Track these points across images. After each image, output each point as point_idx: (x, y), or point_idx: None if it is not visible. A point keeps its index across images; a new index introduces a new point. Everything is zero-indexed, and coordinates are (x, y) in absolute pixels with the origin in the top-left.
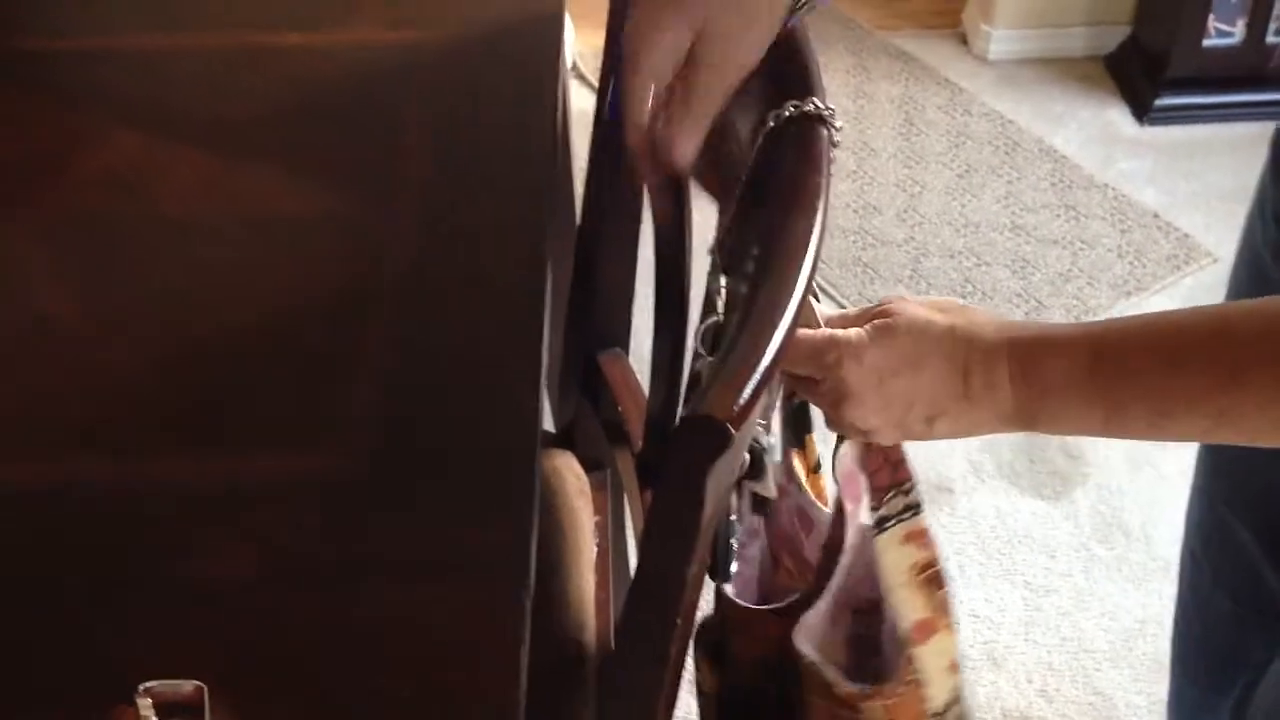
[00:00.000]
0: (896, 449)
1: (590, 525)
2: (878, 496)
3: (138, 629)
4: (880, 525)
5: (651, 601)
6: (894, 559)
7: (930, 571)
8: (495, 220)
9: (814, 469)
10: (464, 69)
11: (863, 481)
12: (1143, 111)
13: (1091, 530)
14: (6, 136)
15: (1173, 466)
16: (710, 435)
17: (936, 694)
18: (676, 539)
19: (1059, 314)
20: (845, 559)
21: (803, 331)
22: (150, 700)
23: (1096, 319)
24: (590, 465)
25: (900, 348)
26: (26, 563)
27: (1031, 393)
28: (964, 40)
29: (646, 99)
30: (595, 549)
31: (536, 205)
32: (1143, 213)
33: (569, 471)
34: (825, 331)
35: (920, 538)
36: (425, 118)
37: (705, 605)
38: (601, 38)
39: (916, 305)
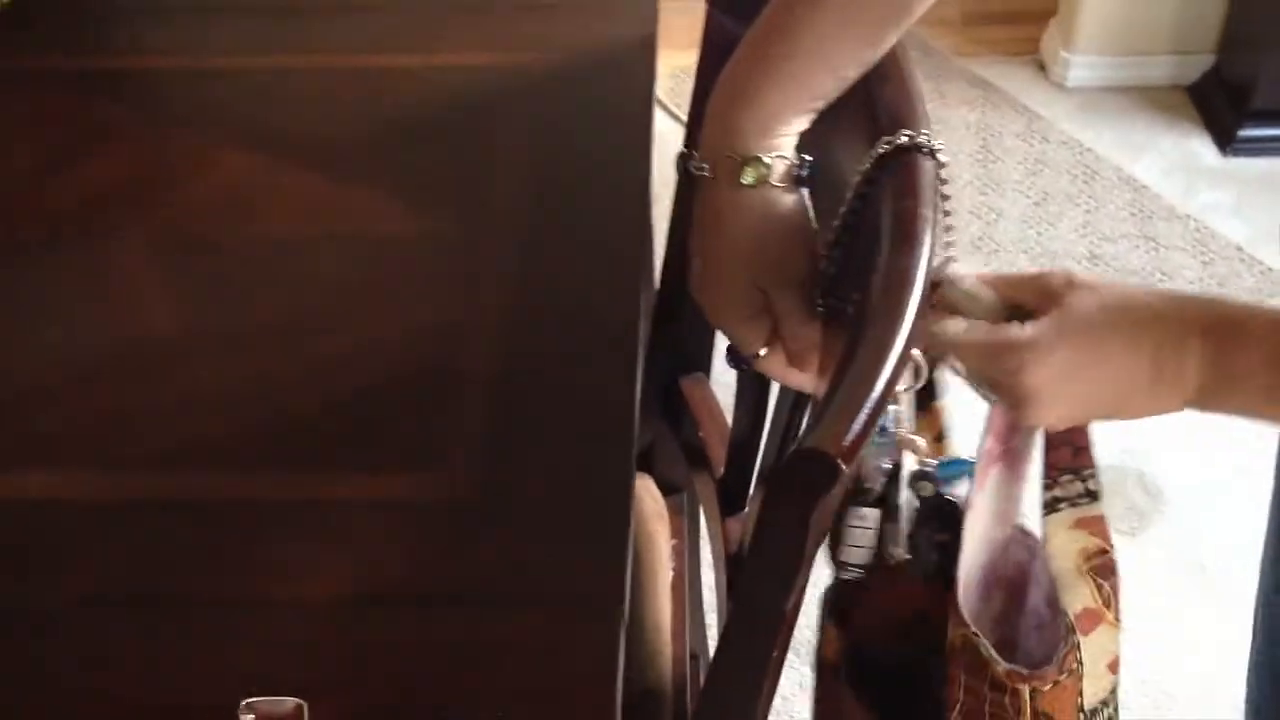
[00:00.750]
0: (1082, 433)
1: (667, 549)
2: (1052, 476)
3: (241, 644)
4: (1052, 506)
5: (748, 635)
6: (1063, 542)
7: (1101, 560)
8: (590, 242)
9: (938, 438)
10: (559, 92)
11: (1038, 457)
12: (1226, 142)
13: (1171, 568)
14: (118, 155)
15: (1258, 503)
16: (819, 470)
17: (1091, 690)
18: (777, 575)
19: None
20: (977, 524)
21: (975, 330)
22: (253, 715)
23: None
24: (667, 488)
25: (1087, 343)
26: (128, 576)
27: (1219, 377)
28: (1042, 67)
29: (755, 343)
30: (671, 572)
31: (631, 228)
32: (1225, 245)
33: (647, 494)
34: (1001, 334)
35: (1093, 525)
36: (522, 139)
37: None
38: (679, 60)
39: (1089, 285)
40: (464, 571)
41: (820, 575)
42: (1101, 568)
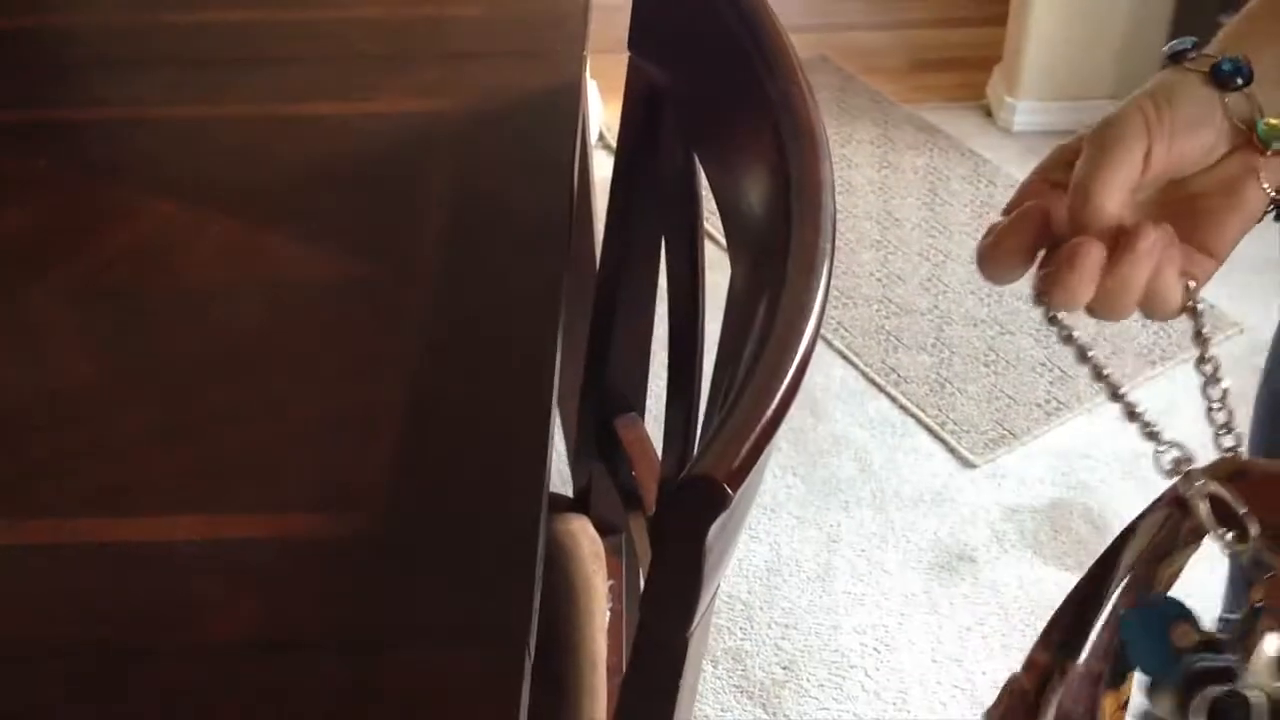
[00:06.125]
0: None
1: (604, 589)
2: None
3: (149, 691)
4: None
5: (653, 666)
6: None
7: None
8: (510, 289)
9: (1122, 706)
10: (484, 139)
11: None
12: None
13: None
14: (38, 205)
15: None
16: (708, 495)
17: None
18: (676, 603)
19: (1083, 383)
20: None
21: None
22: None
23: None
24: (606, 529)
25: None
26: (34, 622)
27: None
28: (988, 113)
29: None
30: (609, 613)
31: (551, 274)
32: None
33: (584, 535)
34: None
35: None
36: (445, 186)
37: None
38: None
39: None
40: (368, 611)
41: None
42: None
